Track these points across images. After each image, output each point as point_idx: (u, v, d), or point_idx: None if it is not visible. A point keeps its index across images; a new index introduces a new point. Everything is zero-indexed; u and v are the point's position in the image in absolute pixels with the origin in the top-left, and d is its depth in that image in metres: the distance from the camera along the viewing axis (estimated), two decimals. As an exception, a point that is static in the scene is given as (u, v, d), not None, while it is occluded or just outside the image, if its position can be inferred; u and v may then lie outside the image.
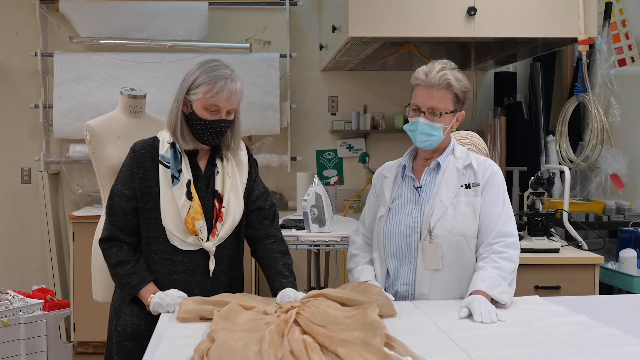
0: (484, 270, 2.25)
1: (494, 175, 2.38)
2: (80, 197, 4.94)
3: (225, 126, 2.27)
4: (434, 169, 2.39)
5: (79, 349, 4.55)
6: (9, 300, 2.99)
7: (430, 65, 2.33)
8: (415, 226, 2.34)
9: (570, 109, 4.04)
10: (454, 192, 2.34)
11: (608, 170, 4.55)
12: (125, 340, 2.30)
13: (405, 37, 3.95)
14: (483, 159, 2.44)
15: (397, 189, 2.43)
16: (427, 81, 2.30)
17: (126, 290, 2.27)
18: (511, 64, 4.99)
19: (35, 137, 4.97)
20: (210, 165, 2.35)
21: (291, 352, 1.60)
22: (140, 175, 2.29)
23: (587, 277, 3.19)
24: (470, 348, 1.72)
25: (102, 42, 4.84)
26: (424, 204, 2.35)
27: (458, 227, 2.31)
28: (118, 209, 2.29)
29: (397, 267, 2.37)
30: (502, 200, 2.38)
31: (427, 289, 2.30)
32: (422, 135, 2.32)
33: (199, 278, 2.30)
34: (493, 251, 2.29)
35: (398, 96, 5.09)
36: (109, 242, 2.30)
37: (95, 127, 2.91)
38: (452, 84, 2.29)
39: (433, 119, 2.30)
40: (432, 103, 2.29)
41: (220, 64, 2.26)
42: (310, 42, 5.09)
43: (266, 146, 4.97)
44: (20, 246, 5.04)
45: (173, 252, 2.28)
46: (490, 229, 2.33)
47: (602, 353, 1.69)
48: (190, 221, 2.24)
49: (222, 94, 2.20)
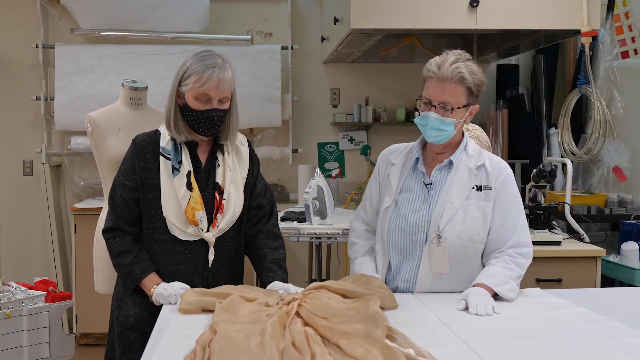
0: (493, 267, 2.21)
1: (507, 179, 2.30)
2: (82, 189, 4.94)
3: (218, 115, 2.26)
4: (445, 166, 2.30)
5: (81, 341, 4.56)
6: (12, 292, 2.99)
7: (444, 57, 2.23)
8: (422, 225, 2.26)
9: (573, 102, 4.03)
10: (465, 193, 2.26)
11: (610, 163, 4.54)
12: (127, 331, 2.31)
13: (407, 29, 3.93)
14: (497, 160, 2.34)
15: (404, 181, 2.34)
16: (439, 74, 2.19)
17: (129, 280, 2.28)
18: (513, 56, 4.97)
19: (37, 129, 4.97)
20: (211, 158, 2.36)
21: (293, 343, 1.60)
22: (142, 166, 2.30)
23: (588, 270, 3.19)
24: (472, 340, 1.73)
25: (103, 34, 4.83)
26: (433, 203, 2.27)
27: (467, 232, 2.24)
28: (120, 199, 2.31)
29: (399, 262, 2.32)
30: (516, 207, 2.30)
31: (427, 290, 2.26)
32: (432, 131, 2.22)
33: (200, 269, 2.31)
34: (507, 254, 2.24)
35: (400, 88, 5.08)
36: (112, 232, 2.32)
37: (96, 119, 2.91)
38: (466, 78, 2.18)
39: (444, 113, 2.20)
40: (444, 97, 2.19)
41: (210, 54, 2.26)
42: (312, 34, 5.07)
43: (267, 138, 4.96)
44: (22, 238, 5.05)
45: (174, 243, 2.29)
46: (505, 238, 2.26)
47: (603, 345, 1.69)
48: (190, 211, 2.25)
49: (211, 82, 2.20)
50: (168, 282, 2.24)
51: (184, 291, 2.14)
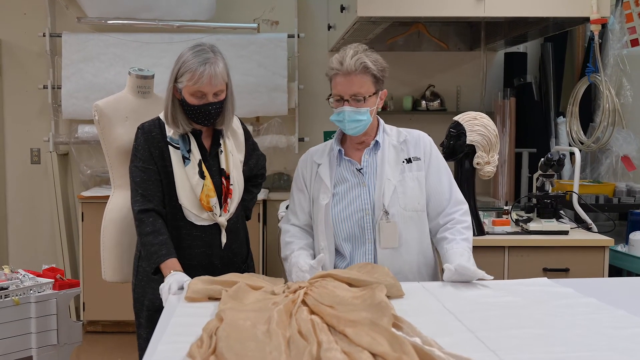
0: (455, 243, 2.32)
1: (432, 147, 2.44)
2: (89, 178, 4.95)
3: (214, 108, 2.37)
4: (372, 149, 2.41)
5: (88, 328, 4.59)
6: (20, 279, 3.01)
7: (343, 53, 2.32)
8: (366, 207, 2.36)
9: (582, 90, 4.01)
10: (397, 168, 2.38)
11: (619, 152, 4.51)
12: (156, 313, 2.34)
13: (414, 17, 3.91)
14: (415, 132, 2.47)
15: (336, 174, 2.42)
16: (343, 69, 2.28)
17: (153, 259, 2.32)
18: (522, 44, 4.94)
19: (44, 118, 4.98)
20: (214, 145, 2.47)
21: (299, 332, 1.60)
22: (157, 154, 2.41)
23: (596, 259, 3.18)
24: (478, 329, 1.72)
25: (110, 23, 4.82)
26: (370, 185, 2.37)
27: (410, 203, 2.36)
28: (149, 182, 2.39)
29: (351, 250, 2.38)
30: (446, 170, 2.45)
31: (389, 268, 2.25)
32: (351, 123, 2.31)
33: (217, 250, 2.44)
34: (456, 221, 2.38)
35: (406, 77, 5.05)
36: (147, 212, 2.37)
37: (103, 108, 2.90)
38: (369, 66, 2.28)
39: (358, 104, 2.30)
40: (354, 89, 2.29)
41: (201, 49, 2.35)
42: (319, 22, 5.05)
43: (274, 127, 4.95)
44: (30, 226, 5.07)
45: (192, 227, 2.41)
46: (445, 199, 2.41)
47: (611, 335, 1.68)
48: (204, 198, 2.38)
49: (203, 80, 2.30)
50: (190, 264, 2.33)
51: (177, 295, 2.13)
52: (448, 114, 4.84)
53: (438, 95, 4.99)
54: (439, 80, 5.06)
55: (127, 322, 4.47)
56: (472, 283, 2.18)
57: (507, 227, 3.29)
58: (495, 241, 3.17)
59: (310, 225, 2.49)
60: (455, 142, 3.09)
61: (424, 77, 5.06)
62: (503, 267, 3.17)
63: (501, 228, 3.28)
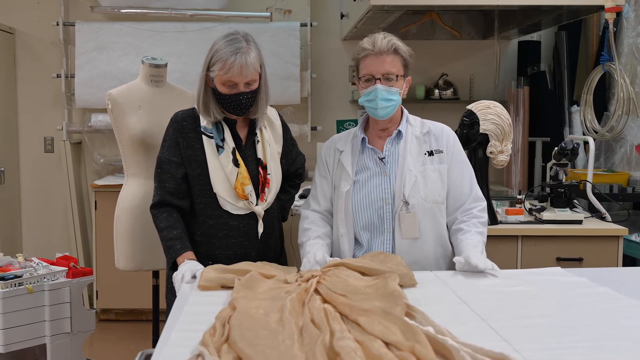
0: (470, 234, 2.32)
1: (455, 141, 2.45)
2: (102, 166, 4.97)
3: (246, 98, 2.34)
4: (394, 138, 2.41)
5: (101, 316, 4.62)
6: (34, 267, 3.03)
7: (373, 36, 2.34)
8: (386, 197, 2.36)
9: (596, 79, 3.98)
10: (419, 160, 2.38)
11: (633, 141, 4.47)
12: None
13: (427, 5, 3.89)
14: (439, 125, 2.47)
15: (358, 162, 2.42)
16: (375, 49, 2.30)
17: (169, 254, 2.35)
18: (535, 32, 4.90)
19: (57, 107, 5.00)
20: (250, 134, 2.45)
21: (312, 320, 1.60)
22: (185, 144, 2.39)
23: (610, 249, 3.16)
24: (492, 318, 1.72)
25: (123, 12, 4.82)
26: (392, 174, 2.37)
27: (431, 195, 2.36)
28: (167, 175, 2.39)
29: (369, 239, 2.38)
30: (468, 166, 2.46)
31: (406, 258, 2.27)
32: (382, 102, 2.30)
33: (253, 241, 2.42)
34: (473, 215, 2.39)
35: (419, 66, 5.01)
36: (160, 207, 2.39)
37: (116, 96, 2.91)
38: (400, 48, 2.32)
39: (389, 83, 2.31)
40: (386, 68, 2.30)
41: (234, 38, 2.31)
42: (331, 10, 5.03)
43: (286, 116, 4.94)
44: (43, 215, 5.11)
45: (228, 217, 2.39)
46: (465, 194, 2.41)
47: (625, 325, 1.68)
48: (239, 187, 2.36)
49: (234, 70, 2.27)
50: (224, 254, 2.35)
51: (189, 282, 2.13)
52: (461, 102, 4.82)
53: (451, 84, 4.96)
54: (452, 69, 5.03)
55: (140, 310, 4.50)
56: (485, 272, 2.18)
57: (521, 217, 3.28)
58: (508, 230, 3.16)
59: (330, 211, 2.49)
60: (469, 131, 3.07)
61: (437, 66, 5.03)
62: (516, 257, 3.15)
63: (514, 217, 3.27)
